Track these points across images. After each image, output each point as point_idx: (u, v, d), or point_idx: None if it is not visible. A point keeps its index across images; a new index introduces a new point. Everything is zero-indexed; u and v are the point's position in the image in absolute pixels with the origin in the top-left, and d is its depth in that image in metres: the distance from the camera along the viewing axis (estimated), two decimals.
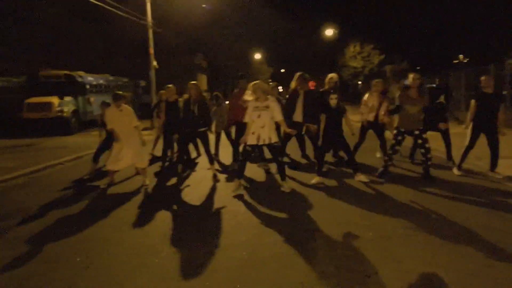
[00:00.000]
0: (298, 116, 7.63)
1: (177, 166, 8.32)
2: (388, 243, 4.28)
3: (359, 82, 43.77)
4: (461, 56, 42.52)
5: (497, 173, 7.06)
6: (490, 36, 33.96)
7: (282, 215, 5.38)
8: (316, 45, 56.09)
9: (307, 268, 3.75)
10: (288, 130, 6.63)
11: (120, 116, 7.06)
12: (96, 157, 8.17)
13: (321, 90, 8.05)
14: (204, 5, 30.49)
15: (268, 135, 6.33)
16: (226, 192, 6.68)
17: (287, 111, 7.64)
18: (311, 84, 8.87)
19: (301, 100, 7.59)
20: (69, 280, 3.69)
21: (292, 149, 9.26)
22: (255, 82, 6.59)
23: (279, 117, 6.36)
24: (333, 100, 6.91)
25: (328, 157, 8.14)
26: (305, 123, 7.56)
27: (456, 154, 7.74)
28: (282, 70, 68.99)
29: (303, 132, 7.92)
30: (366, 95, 8.36)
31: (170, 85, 8.54)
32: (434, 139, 7.83)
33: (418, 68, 42.32)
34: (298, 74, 7.73)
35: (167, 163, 8.85)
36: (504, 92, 15.14)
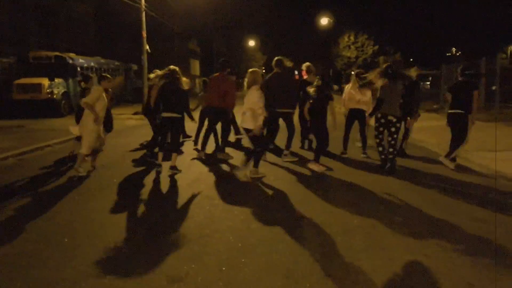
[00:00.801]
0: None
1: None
2: (374, 231, 4.34)
3: (352, 72, 43.80)
4: (453, 49, 42.70)
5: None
6: (483, 30, 34.11)
7: (270, 202, 5.43)
8: (311, 33, 55.90)
9: (293, 254, 3.80)
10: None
11: (104, 99, 6.94)
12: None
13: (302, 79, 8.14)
14: None
15: (245, 122, 6.53)
16: (216, 178, 6.70)
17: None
18: (304, 73, 8.87)
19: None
20: (57, 260, 3.71)
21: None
22: (254, 69, 6.76)
23: (258, 109, 6.41)
24: (312, 89, 7.05)
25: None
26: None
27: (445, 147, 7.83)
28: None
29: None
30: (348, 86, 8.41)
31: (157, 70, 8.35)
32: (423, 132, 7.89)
33: (411, 60, 42.46)
34: (276, 58, 7.76)
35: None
36: (493, 87, 15.28)
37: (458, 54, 45.11)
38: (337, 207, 5.15)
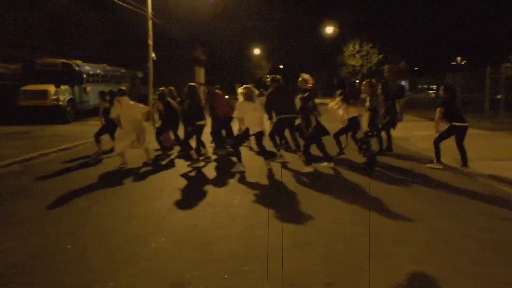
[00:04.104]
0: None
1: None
2: (377, 239, 4.33)
3: (357, 81, 43.84)
4: (458, 58, 42.68)
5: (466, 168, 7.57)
6: (488, 39, 34.10)
7: (274, 209, 5.42)
8: (316, 42, 56.05)
9: (296, 261, 3.80)
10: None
11: (121, 108, 8.01)
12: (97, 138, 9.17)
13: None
14: None
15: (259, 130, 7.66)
16: (219, 185, 6.73)
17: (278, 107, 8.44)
18: (306, 77, 9.07)
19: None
20: (61, 266, 3.74)
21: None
22: (245, 85, 7.73)
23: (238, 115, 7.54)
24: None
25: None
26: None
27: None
28: (281, 66, 68.96)
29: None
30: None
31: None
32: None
33: (416, 69, 42.43)
34: (271, 76, 8.79)
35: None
36: (498, 96, 15.26)
37: (463, 63, 45.03)
38: (341, 215, 5.15)
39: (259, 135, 7.66)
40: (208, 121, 9.03)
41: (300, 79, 8.52)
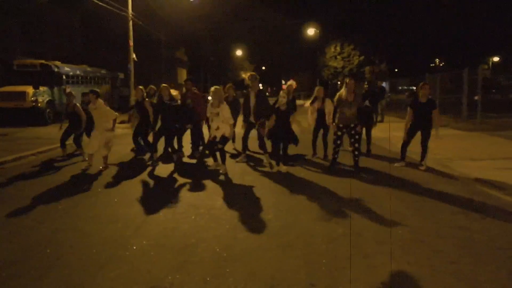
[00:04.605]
0: (252, 117, 8.54)
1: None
2: (358, 240, 4.38)
3: (339, 82, 44.27)
4: (437, 60, 43.53)
5: (421, 165, 7.90)
6: (466, 41, 34.89)
7: (256, 211, 5.44)
8: (298, 44, 56.39)
9: (278, 263, 3.82)
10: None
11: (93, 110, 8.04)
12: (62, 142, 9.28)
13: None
14: None
15: (222, 134, 7.41)
16: (201, 187, 6.70)
17: (243, 110, 8.63)
18: (291, 82, 9.16)
19: (253, 100, 8.41)
20: (39, 271, 3.67)
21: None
22: (215, 87, 7.55)
23: (230, 121, 7.41)
24: (282, 98, 7.62)
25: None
26: (256, 121, 8.32)
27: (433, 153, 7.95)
28: (263, 68, 69.11)
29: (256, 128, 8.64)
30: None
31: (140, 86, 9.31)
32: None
33: (396, 70, 43.11)
34: (249, 73, 8.80)
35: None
36: (476, 98, 15.60)
37: (441, 64, 45.95)
38: (323, 216, 5.19)
39: (222, 141, 7.49)
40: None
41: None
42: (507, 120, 14.65)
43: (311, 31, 40.98)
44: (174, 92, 9.00)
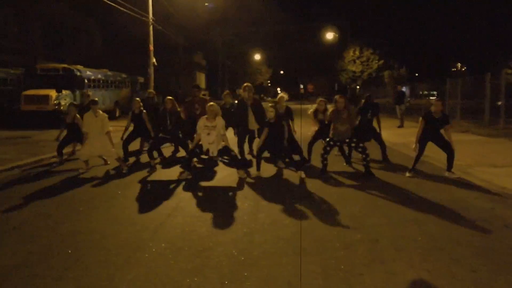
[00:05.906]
0: (252, 125, 8.82)
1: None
2: (376, 246, 4.34)
3: (358, 87, 43.97)
4: (459, 64, 42.82)
5: (452, 173, 7.51)
6: (489, 46, 34.24)
7: (273, 215, 5.43)
8: (316, 47, 56.25)
9: (295, 268, 3.80)
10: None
11: (95, 122, 8.04)
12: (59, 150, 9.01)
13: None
14: (207, 4, 30.55)
15: (217, 148, 7.41)
16: (218, 191, 6.74)
17: (237, 118, 8.83)
18: (282, 95, 9.25)
19: (251, 110, 8.67)
20: (59, 271, 3.74)
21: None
22: (211, 103, 7.62)
23: (222, 131, 7.49)
24: (270, 113, 7.74)
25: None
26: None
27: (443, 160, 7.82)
28: (281, 72, 69.14)
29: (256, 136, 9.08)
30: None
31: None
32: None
33: (416, 74, 42.54)
34: (245, 84, 8.90)
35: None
36: (499, 103, 15.29)
37: (463, 69, 45.20)
38: (340, 221, 5.15)
39: (227, 149, 7.58)
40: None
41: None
42: None
43: (330, 35, 40.89)
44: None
